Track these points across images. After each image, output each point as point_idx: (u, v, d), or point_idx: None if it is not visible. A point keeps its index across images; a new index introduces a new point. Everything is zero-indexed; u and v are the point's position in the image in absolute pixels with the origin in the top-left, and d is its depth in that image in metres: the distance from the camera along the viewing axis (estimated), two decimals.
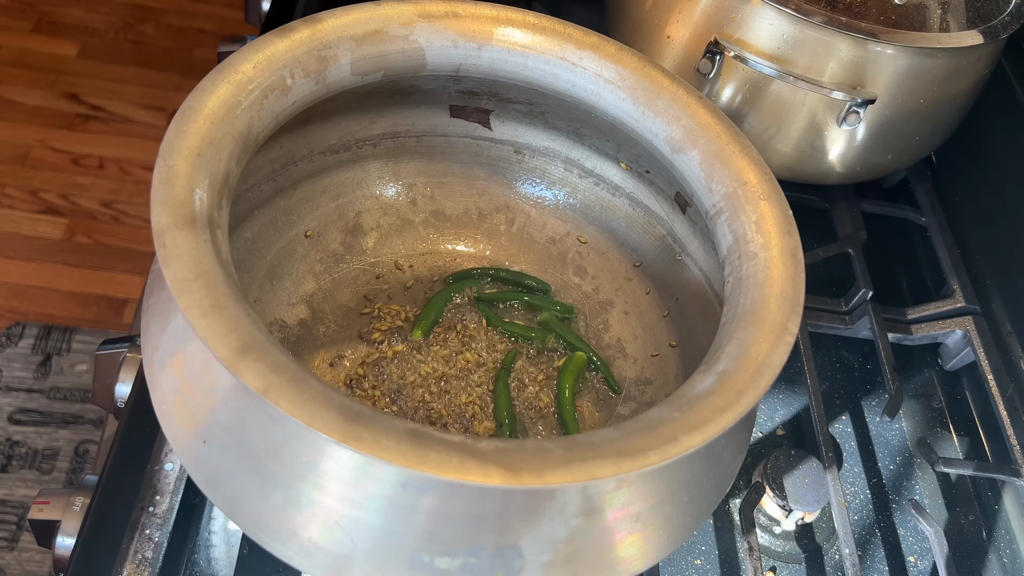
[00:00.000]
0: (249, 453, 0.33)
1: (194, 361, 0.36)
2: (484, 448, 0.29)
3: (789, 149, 0.61)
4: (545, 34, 0.46)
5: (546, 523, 0.33)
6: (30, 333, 1.32)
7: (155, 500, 0.45)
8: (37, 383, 1.27)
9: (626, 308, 0.55)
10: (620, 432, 0.31)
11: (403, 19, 0.44)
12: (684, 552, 0.51)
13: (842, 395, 0.61)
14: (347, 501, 0.32)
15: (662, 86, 0.46)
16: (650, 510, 0.36)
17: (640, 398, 0.51)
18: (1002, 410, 0.58)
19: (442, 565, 0.33)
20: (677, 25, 0.60)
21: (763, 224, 0.40)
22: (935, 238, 0.68)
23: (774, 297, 0.37)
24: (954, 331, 0.63)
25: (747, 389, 0.33)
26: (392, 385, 0.50)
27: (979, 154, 0.70)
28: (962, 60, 0.58)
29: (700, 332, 0.49)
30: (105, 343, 0.56)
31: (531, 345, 0.53)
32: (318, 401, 0.29)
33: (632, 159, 0.53)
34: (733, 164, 0.43)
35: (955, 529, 0.56)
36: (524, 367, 0.52)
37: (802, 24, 0.55)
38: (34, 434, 1.22)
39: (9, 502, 1.16)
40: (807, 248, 0.42)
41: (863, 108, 0.57)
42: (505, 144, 0.56)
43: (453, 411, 0.49)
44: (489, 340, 0.53)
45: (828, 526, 0.53)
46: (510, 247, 0.57)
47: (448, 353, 0.52)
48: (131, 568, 0.43)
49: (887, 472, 0.57)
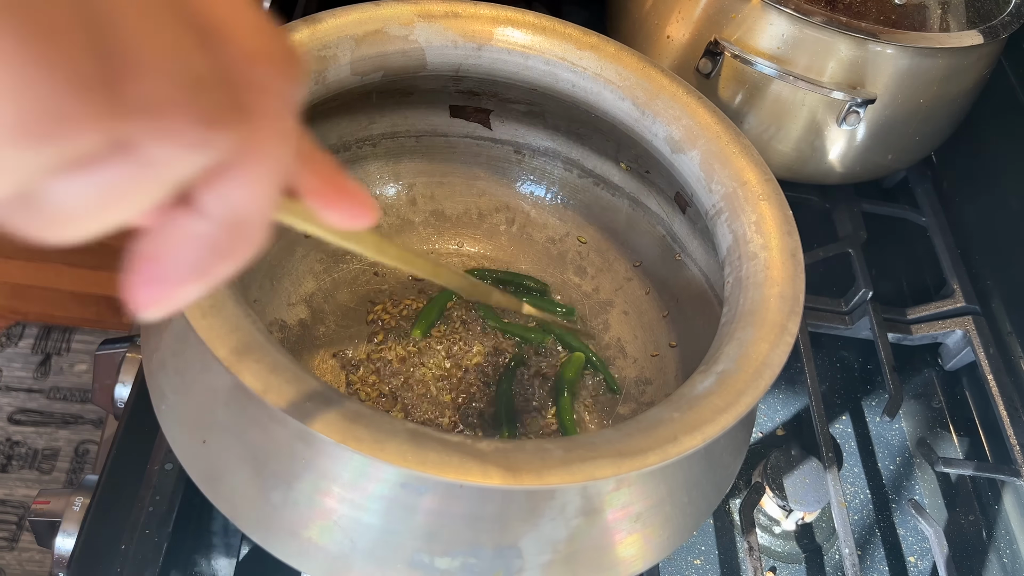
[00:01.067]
0: (249, 453, 0.33)
1: (194, 361, 0.36)
2: (484, 448, 0.29)
3: (789, 149, 0.61)
4: (545, 34, 0.46)
5: (546, 523, 0.33)
6: (30, 333, 1.32)
7: (155, 500, 0.45)
8: (37, 383, 1.27)
9: (626, 308, 0.54)
10: (620, 432, 0.31)
11: (403, 19, 0.44)
12: (684, 552, 0.51)
13: (842, 395, 0.61)
14: (347, 501, 0.32)
15: (662, 86, 0.46)
16: (650, 510, 0.36)
17: (640, 398, 0.51)
18: (1002, 410, 0.58)
19: (442, 565, 0.33)
20: (677, 25, 0.60)
21: (763, 224, 0.40)
22: (935, 238, 0.68)
23: (774, 297, 0.37)
24: (954, 331, 0.63)
25: (747, 389, 0.33)
26: (392, 385, 0.50)
27: (979, 154, 0.70)
28: (962, 60, 0.58)
29: (700, 332, 0.49)
30: (105, 343, 0.56)
31: (530, 345, 0.53)
32: (317, 402, 0.29)
33: (632, 159, 0.53)
34: (733, 164, 0.43)
35: (955, 529, 0.56)
36: (522, 368, 0.52)
37: (802, 24, 0.55)
38: (34, 434, 1.22)
39: (9, 502, 1.16)
40: (807, 248, 0.42)
41: (863, 108, 0.57)
42: (505, 144, 0.56)
43: (453, 411, 0.49)
44: (490, 340, 0.53)
45: (828, 526, 0.53)
46: (510, 247, 0.57)
47: (448, 353, 0.52)
48: (131, 568, 0.43)
49: (887, 472, 0.57)
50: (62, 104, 0.13)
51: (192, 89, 0.15)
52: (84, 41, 0.14)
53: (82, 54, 0.14)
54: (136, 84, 0.14)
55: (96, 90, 0.14)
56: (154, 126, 0.15)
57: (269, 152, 0.17)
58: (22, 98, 0.13)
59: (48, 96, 0.13)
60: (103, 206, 0.15)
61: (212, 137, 0.16)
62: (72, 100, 0.13)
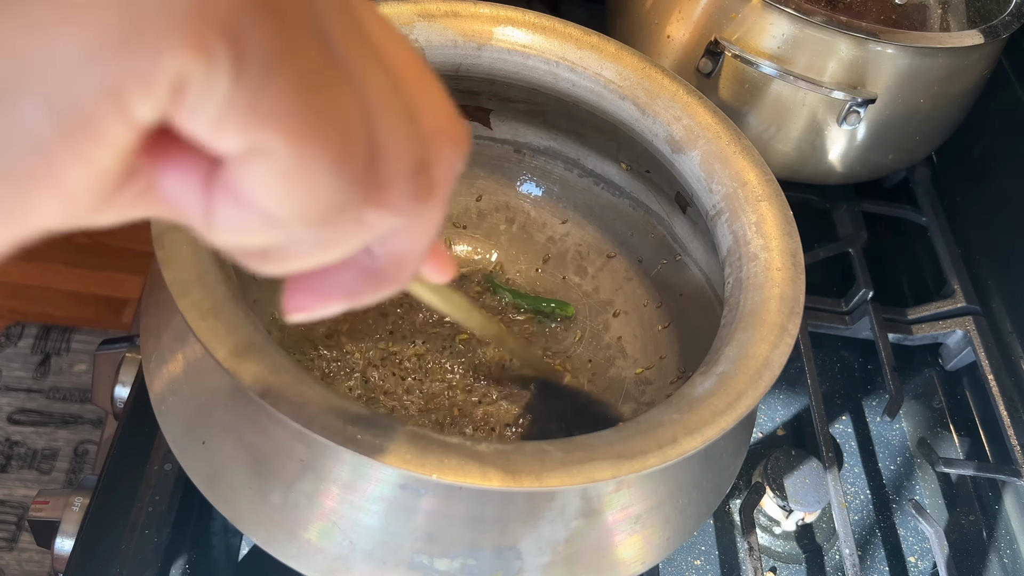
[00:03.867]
0: (248, 454, 0.33)
1: (193, 362, 0.36)
2: (483, 450, 0.29)
3: (789, 149, 0.61)
4: (545, 34, 0.46)
5: (545, 525, 0.33)
6: (29, 333, 1.32)
7: (155, 500, 0.45)
8: (36, 383, 1.27)
9: (626, 308, 0.54)
10: (619, 434, 0.31)
11: (403, 19, 0.44)
12: (684, 553, 0.51)
13: (842, 395, 0.61)
14: (346, 502, 0.32)
15: (662, 86, 0.46)
16: (649, 511, 0.35)
17: (640, 398, 0.51)
18: (1002, 410, 0.57)
19: (441, 567, 0.33)
20: (677, 25, 0.59)
21: (763, 225, 0.40)
22: (935, 238, 0.68)
23: (774, 298, 0.37)
24: (954, 331, 0.63)
25: (747, 391, 0.33)
26: (394, 383, 0.50)
27: (979, 154, 0.70)
28: (962, 60, 0.58)
29: (700, 332, 0.49)
30: (105, 343, 0.56)
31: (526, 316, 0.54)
32: (317, 403, 0.29)
33: (632, 159, 0.53)
34: (733, 164, 0.43)
35: (955, 529, 0.56)
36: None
37: (802, 24, 0.55)
38: (33, 434, 1.22)
39: (8, 502, 1.16)
40: (807, 248, 0.42)
41: (863, 108, 0.57)
42: (505, 143, 0.56)
43: (455, 407, 0.49)
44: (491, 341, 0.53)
45: (828, 526, 0.53)
46: (510, 247, 0.57)
47: (450, 350, 0.51)
48: (130, 568, 0.42)
49: (887, 472, 0.57)
50: (345, 199, 0.17)
51: (414, 172, 0.18)
52: (363, 144, 0.17)
53: (360, 156, 0.17)
54: (384, 174, 0.17)
55: (364, 184, 0.17)
56: (388, 205, 0.18)
57: (437, 214, 0.21)
58: (317, 194, 0.16)
59: (335, 192, 0.16)
60: (321, 253, 0.18)
61: (419, 209, 0.19)
62: (349, 195, 0.17)
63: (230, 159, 0.16)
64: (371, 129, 0.17)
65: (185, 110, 0.14)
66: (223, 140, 0.15)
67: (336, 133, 0.16)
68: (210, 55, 0.14)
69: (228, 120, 0.15)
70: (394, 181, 0.18)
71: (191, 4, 0.14)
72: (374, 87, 0.17)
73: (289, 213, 0.16)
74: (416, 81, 0.19)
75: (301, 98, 0.15)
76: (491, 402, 0.50)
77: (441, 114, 0.20)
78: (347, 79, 0.16)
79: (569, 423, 0.50)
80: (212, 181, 0.16)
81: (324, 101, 0.16)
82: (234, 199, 0.16)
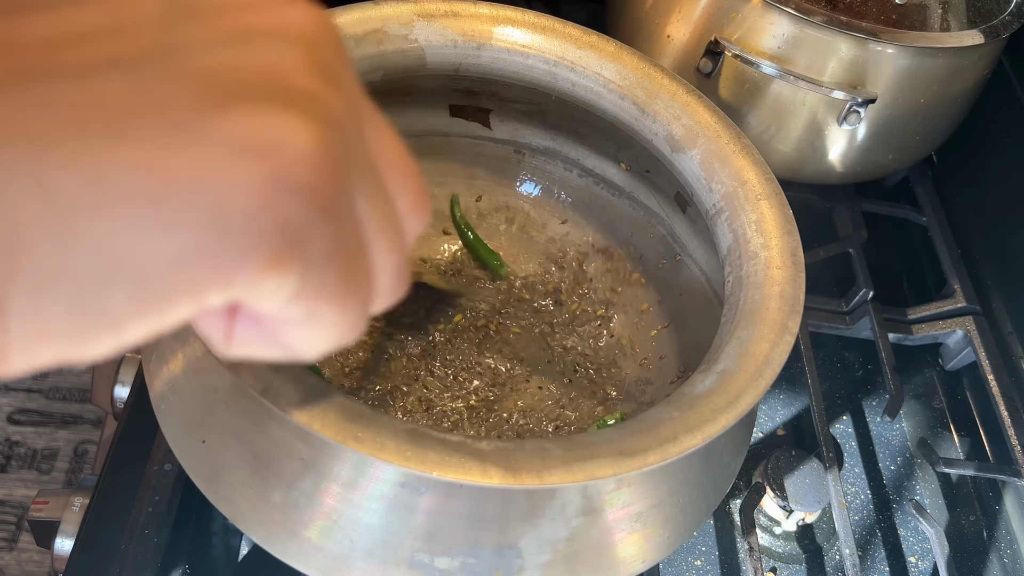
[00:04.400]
0: (248, 453, 0.33)
1: (193, 360, 0.36)
2: (483, 448, 0.29)
3: (789, 149, 0.61)
4: (545, 34, 0.46)
5: (546, 523, 0.33)
6: None
7: (154, 500, 0.45)
8: (36, 383, 1.27)
9: (626, 308, 0.54)
10: (620, 432, 0.31)
11: (402, 19, 0.44)
12: (684, 552, 0.51)
13: (843, 395, 0.61)
14: (347, 501, 0.32)
15: (662, 85, 0.46)
16: (650, 510, 0.35)
17: (640, 398, 0.51)
18: (1003, 410, 0.57)
19: (441, 565, 0.33)
20: (677, 25, 0.60)
21: (763, 224, 0.40)
22: (935, 238, 0.68)
23: (774, 296, 0.37)
24: (955, 331, 0.63)
25: (747, 389, 0.33)
26: (395, 381, 0.50)
27: (979, 154, 0.70)
28: (963, 60, 0.58)
29: (700, 332, 0.49)
30: None
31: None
32: (317, 401, 0.29)
33: (632, 158, 0.53)
34: (733, 163, 0.43)
35: (956, 530, 0.56)
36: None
37: (802, 24, 0.55)
38: (33, 434, 1.22)
39: (8, 502, 1.16)
40: (807, 248, 0.42)
41: (863, 108, 0.57)
42: (505, 143, 0.56)
43: (458, 404, 0.49)
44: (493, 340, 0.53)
45: (829, 527, 0.53)
46: (510, 247, 0.57)
47: (452, 349, 0.51)
48: (130, 569, 0.42)
49: (888, 472, 0.57)
50: (355, 329, 0.20)
51: (399, 278, 0.21)
52: (372, 283, 0.20)
53: (370, 292, 0.20)
54: (379, 289, 0.20)
55: (368, 307, 0.20)
56: (376, 307, 0.21)
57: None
58: (342, 334, 0.20)
59: (355, 329, 0.20)
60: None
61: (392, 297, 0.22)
62: (361, 324, 0.20)
63: (279, 319, 0.18)
64: (374, 261, 0.20)
65: (254, 301, 0.17)
66: (280, 313, 0.18)
67: (363, 289, 0.19)
68: (283, 270, 0.16)
69: (290, 305, 0.17)
70: (384, 291, 0.21)
71: (273, 224, 0.16)
72: (381, 227, 0.20)
73: (316, 351, 0.20)
74: (401, 174, 0.21)
75: (345, 273, 0.18)
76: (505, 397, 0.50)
77: (415, 194, 0.22)
78: (366, 240, 0.19)
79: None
80: (238, 314, 0.19)
81: (358, 268, 0.19)
82: (259, 331, 0.19)
